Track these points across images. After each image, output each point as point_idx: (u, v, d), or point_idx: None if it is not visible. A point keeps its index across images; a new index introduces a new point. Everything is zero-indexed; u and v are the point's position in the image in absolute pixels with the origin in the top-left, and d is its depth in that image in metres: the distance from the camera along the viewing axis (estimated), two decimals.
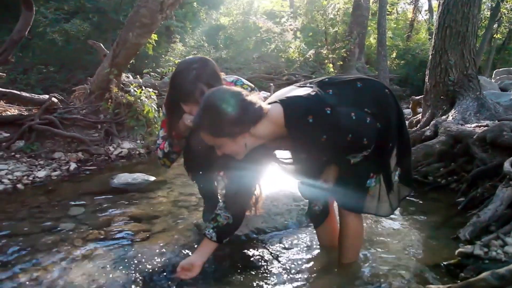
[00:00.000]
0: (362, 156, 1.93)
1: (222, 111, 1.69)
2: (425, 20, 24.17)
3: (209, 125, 1.71)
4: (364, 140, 1.83)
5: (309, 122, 1.71)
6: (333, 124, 1.75)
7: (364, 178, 2.05)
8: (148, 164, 5.16)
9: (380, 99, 1.98)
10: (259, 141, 1.80)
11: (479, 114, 4.55)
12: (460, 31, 4.87)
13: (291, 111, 1.75)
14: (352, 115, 1.80)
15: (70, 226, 3.03)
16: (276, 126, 1.76)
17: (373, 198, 2.11)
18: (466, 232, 2.41)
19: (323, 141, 1.75)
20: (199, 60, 2.18)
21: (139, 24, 5.21)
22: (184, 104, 2.15)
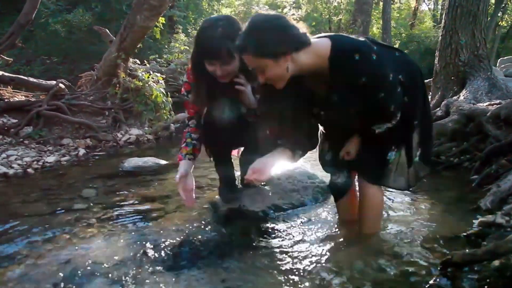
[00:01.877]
0: (386, 128, 1.92)
1: (266, 30, 1.67)
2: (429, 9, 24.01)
3: (253, 44, 1.67)
4: (392, 106, 1.83)
5: (355, 59, 1.69)
6: (375, 71, 1.74)
7: (386, 150, 2.06)
8: (158, 149, 5.16)
9: (412, 75, 1.99)
10: (298, 71, 1.76)
11: (491, 94, 4.51)
12: (471, 10, 4.81)
13: (339, 45, 1.74)
14: (390, 75, 1.79)
15: (83, 206, 3.02)
16: (319, 58, 1.73)
17: (390, 171, 2.11)
18: (487, 202, 2.40)
19: (360, 84, 1.72)
20: (224, 18, 2.13)
21: (147, 6, 5.16)
22: (209, 62, 2.08)
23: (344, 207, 2.46)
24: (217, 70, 2.07)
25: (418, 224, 2.52)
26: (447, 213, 2.75)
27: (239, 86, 2.22)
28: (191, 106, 2.45)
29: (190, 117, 2.50)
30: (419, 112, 2.06)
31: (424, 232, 2.41)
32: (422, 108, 2.09)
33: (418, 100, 2.04)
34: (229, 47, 1.99)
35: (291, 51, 1.68)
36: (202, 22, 2.17)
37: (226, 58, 2.02)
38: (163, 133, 5.66)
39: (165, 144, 5.57)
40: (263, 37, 1.66)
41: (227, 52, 2.00)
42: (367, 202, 2.20)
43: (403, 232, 2.38)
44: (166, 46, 12.36)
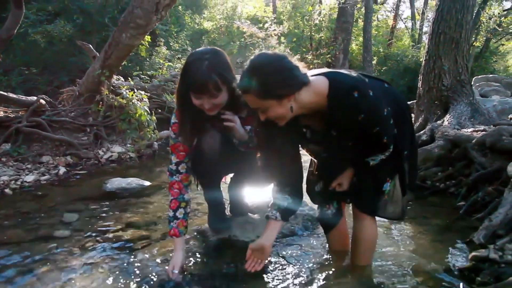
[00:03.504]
0: (380, 160, 1.95)
1: (270, 72, 1.67)
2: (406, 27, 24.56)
3: (257, 86, 1.66)
4: (385, 138, 1.85)
5: (354, 97, 1.71)
6: (372, 108, 1.77)
7: (382, 182, 2.08)
8: (140, 169, 5.04)
9: (400, 107, 2.04)
10: (300, 109, 1.77)
11: (473, 119, 4.59)
12: (454, 37, 4.93)
13: (337, 83, 1.75)
14: (385, 110, 1.82)
15: (65, 234, 2.92)
16: (318, 96, 1.75)
17: (386, 201, 2.13)
18: (480, 236, 2.41)
19: (359, 120, 1.74)
20: (211, 51, 2.09)
21: (133, 25, 5.08)
22: (196, 96, 2.03)
23: (334, 239, 2.44)
24: (204, 104, 2.03)
25: (408, 256, 2.51)
26: (437, 243, 2.75)
27: (228, 122, 2.19)
28: (181, 148, 2.33)
29: (180, 161, 2.35)
30: (408, 143, 2.10)
31: (416, 265, 2.40)
32: (410, 138, 2.14)
33: (406, 131, 2.08)
34: (216, 80, 1.96)
35: (294, 92, 1.69)
36: (188, 55, 2.11)
37: (213, 92, 1.98)
38: (146, 151, 5.55)
39: (148, 162, 5.46)
40: (267, 79, 1.66)
41: (214, 86, 1.96)
42: (361, 234, 2.19)
43: (395, 265, 2.37)
44: (147, 59, 12.26)
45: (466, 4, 4.86)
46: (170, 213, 2.33)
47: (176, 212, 2.32)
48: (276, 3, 21.61)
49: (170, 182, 2.36)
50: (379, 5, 24.71)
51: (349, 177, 2.12)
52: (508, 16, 19.58)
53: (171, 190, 2.35)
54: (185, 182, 2.37)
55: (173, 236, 2.31)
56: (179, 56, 15.76)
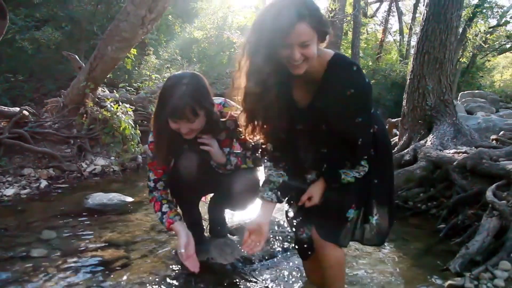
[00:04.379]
0: (353, 177, 1.91)
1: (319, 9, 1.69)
2: (394, 40, 24.87)
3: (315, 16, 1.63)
4: (360, 140, 1.82)
5: (352, 69, 1.74)
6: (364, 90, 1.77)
7: (346, 207, 1.97)
8: (123, 183, 4.99)
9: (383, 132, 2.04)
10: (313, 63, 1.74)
11: (456, 140, 4.64)
12: (438, 57, 5.00)
13: (341, 55, 1.82)
14: (372, 107, 1.86)
15: (42, 252, 2.87)
16: (319, 59, 1.75)
17: (348, 229, 2.03)
18: (456, 264, 2.41)
19: (346, 95, 1.73)
20: (189, 76, 2.10)
21: (119, 38, 5.07)
22: (173, 121, 2.04)
23: (310, 269, 2.33)
24: (181, 128, 2.04)
25: (385, 281, 2.51)
26: (415, 268, 2.75)
27: (204, 146, 2.19)
28: (158, 166, 2.36)
29: (157, 179, 2.39)
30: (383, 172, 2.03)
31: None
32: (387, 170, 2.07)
33: (383, 159, 2.02)
34: (193, 106, 1.97)
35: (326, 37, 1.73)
36: (167, 79, 2.12)
37: (190, 117, 1.99)
38: (130, 164, 5.51)
39: (132, 176, 5.41)
40: (319, 13, 1.67)
41: (191, 111, 1.98)
42: (327, 262, 2.05)
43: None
44: (136, 68, 12.23)
45: (450, 25, 4.93)
46: (157, 214, 2.38)
47: (161, 209, 2.37)
48: None
49: (151, 198, 2.43)
50: (368, 19, 25.02)
51: (320, 189, 1.98)
52: (494, 33, 19.96)
53: (152, 200, 2.42)
54: (165, 195, 2.42)
55: (171, 225, 2.33)
56: (168, 65, 15.75)
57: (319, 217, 2.01)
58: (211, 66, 17.31)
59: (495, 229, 2.74)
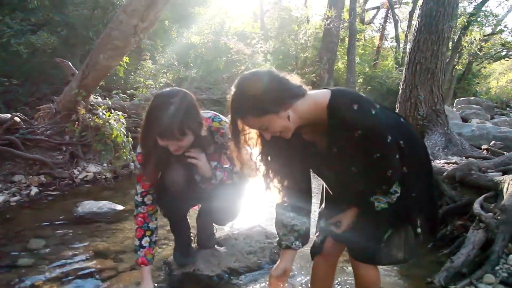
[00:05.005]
0: (386, 203, 1.84)
1: (261, 89, 1.63)
2: (391, 47, 24.97)
3: (252, 106, 1.63)
4: (390, 171, 1.75)
5: (353, 109, 1.63)
6: (372, 125, 1.67)
7: (383, 231, 1.90)
8: (115, 191, 4.97)
9: (413, 143, 1.91)
10: (299, 120, 1.72)
11: (447, 150, 4.66)
12: (429, 68, 5.03)
13: (339, 95, 1.70)
14: (388, 137, 1.72)
15: (29, 262, 2.86)
16: (318, 106, 1.69)
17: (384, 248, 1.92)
18: (441, 278, 2.41)
19: (356, 136, 1.65)
20: (177, 94, 2.06)
21: (110, 46, 5.07)
22: (161, 139, 2.03)
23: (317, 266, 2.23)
24: (170, 146, 2.04)
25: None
26: (403, 280, 2.76)
27: (192, 159, 2.19)
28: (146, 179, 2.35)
29: (146, 191, 2.37)
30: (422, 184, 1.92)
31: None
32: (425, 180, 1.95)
33: (419, 171, 1.91)
34: (181, 125, 1.96)
35: (289, 102, 1.67)
36: (154, 97, 2.09)
37: (178, 137, 1.99)
38: (122, 171, 5.50)
39: (124, 183, 5.39)
40: (260, 97, 1.63)
41: (179, 131, 1.97)
42: (363, 283, 2.03)
43: None
44: (132, 73, 12.23)
45: (442, 36, 4.97)
46: (136, 241, 2.36)
47: (141, 241, 2.35)
48: (264, 20, 21.80)
49: (135, 214, 2.39)
50: (365, 25, 25.12)
51: (350, 217, 1.96)
52: (489, 41, 20.08)
53: (136, 219, 2.38)
54: (149, 211, 2.39)
55: (142, 265, 2.32)
56: (165, 70, 15.75)
57: (351, 239, 1.96)
58: (208, 71, 17.33)
59: (481, 242, 2.74)
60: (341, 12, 15.23)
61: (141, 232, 2.36)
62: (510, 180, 3.19)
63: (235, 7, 23.62)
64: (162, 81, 14.55)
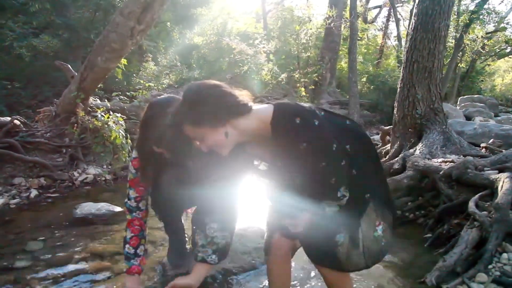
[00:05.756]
0: (338, 206, 1.81)
1: (200, 99, 1.67)
2: (393, 46, 24.89)
3: (189, 114, 1.66)
4: (333, 179, 1.74)
5: (296, 123, 1.66)
6: (316, 137, 1.70)
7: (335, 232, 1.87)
8: (114, 192, 5.00)
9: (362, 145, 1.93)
10: (240, 137, 1.75)
11: (445, 148, 4.65)
12: (426, 66, 5.01)
13: (281, 109, 1.73)
14: (334, 145, 1.73)
15: (25, 264, 2.88)
16: (262, 122, 1.72)
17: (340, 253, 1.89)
18: (433, 277, 2.41)
19: (301, 149, 1.68)
20: (172, 102, 2.05)
21: (108, 49, 5.10)
22: (157, 147, 2.03)
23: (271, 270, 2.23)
24: (165, 153, 2.04)
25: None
26: (398, 279, 2.75)
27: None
28: (141, 184, 2.32)
29: (140, 197, 2.34)
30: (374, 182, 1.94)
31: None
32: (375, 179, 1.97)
33: (369, 171, 1.92)
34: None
35: (228, 118, 1.68)
36: (149, 105, 2.09)
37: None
38: (121, 173, 5.53)
39: (123, 185, 5.41)
40: (198, 108, 1.66)
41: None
42: (325, 281, 2.05)
43: None
44: (134, 75, 12.28)
45: (438, 34, 4.95)
46: (130, 250, 2.28)
47: (137, 250, 2.29)
48: (266, 20, 21.81)
49: (130, 219, 2.33)
50: (368, 24, 25.04)
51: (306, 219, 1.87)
52: (492, 38, 19.97)
53: (132, 227, 2.31)
54: (145, 218, 2.38)
55: (135, 274, 2.26)
56: (167, 72, 15.81)
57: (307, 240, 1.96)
58: (210, 72, 17.37)
59: (474, 240, 2.74)
60: (343, 11, 15.19)
61: (137, 240, 2.30)
62: (505, 178, 3.19)
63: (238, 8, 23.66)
64: (165, 82, 14.63)
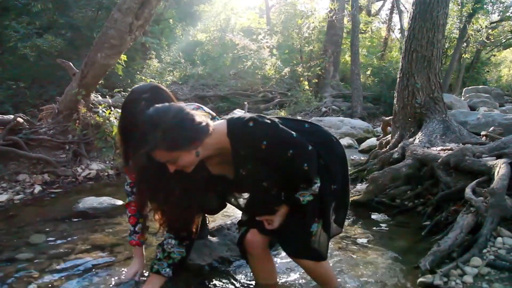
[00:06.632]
0: (311, 195, 1.91)
1: (174, 125, 1.68)
2: (397, 38, 24.76)
3: (166, 141, 1.68)
4: (305, 165, 1.82)
5: (250, 126, 1.76)
6: (273, 132, 1.79)
7: (310, 222, 2.00)
8: (117, 187, 5.05)
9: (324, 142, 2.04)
10: (206, 151, 1.79)
11: (445, 137, 4.64)
12: (425, 56, 5.01)
13: (233, 121, 1.83)
14: (293, 133, 1.83)
15: (28, 256, 2.92)
16: (220, 136, 1.79)
17: (314, 242, 2.03)
18: (427, 262, 2.42)
19: (264, 149, 1.76)
20: (150, 90, 2.15)
21: (107, 45, 5.16)
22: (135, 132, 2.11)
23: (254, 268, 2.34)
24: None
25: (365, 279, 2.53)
26: (397, 266, 2.75)
27: None
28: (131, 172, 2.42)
29: (133, 182, 2.47)
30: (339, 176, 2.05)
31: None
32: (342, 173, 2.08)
33: (335, 165, 2.03)
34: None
35: (201, 140, 1.73)
36: (129, 92, 2.22)
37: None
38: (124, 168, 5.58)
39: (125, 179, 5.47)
40: (173, 133, 1.68)
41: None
42: (308, 273, 2.15)
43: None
44: (138, 72, 12.36)
45: (437, 23, 4.94)
46: (130, 227, 2.52)
47: (135, 227, 2.50)
48: (269, 15, 21.80)
49: (128, 202, 2.53)
50: (371, 17, 24.93)
51: (282, 216, 2.01)
52: (496, 28, 19.79)
53: (129, 208, 2.52)
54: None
55: (135, 246, 2.51)
56: (171, 68, 15.88)
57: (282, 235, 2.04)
58: (214, 68, 17.44)
59: (470, 225, 2.75)
60: (345, 3, 15.15)
61: (134, 219, 2.49)
62: (501, 163, 3.19)
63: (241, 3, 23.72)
64: (169, 79, 14.71)
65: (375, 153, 5.41)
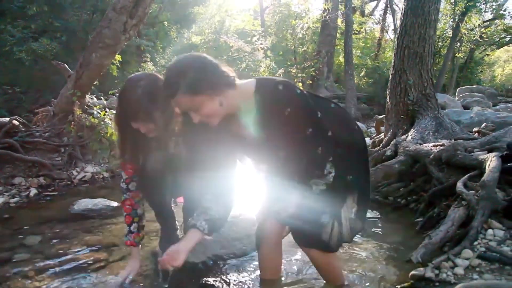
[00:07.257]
0: (325, 184, 1.86)
1: (196, 68, 1.69)
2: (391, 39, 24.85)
3: (189, 83, 1.67)
4: (320, 149, 1.80)
5: (279, 89, 1.73)
6: (299, 102, 1.77)
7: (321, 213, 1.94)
8: (112, 189, 5.06)
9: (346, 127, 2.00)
10: (229, 108, 1.79)
11: (437, 133, 4.68)
12: (417, 52, 5.05)
13: (263, 80, 1.81)
14: (318, 113, 1.81)
15: (24, 257, 2.93)
16: (246, 94, 1.78)
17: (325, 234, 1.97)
18: (418, 255, 2.44)
19: (286, 115, 1.72)
20: (146, 77, 2.11)
21: (102, 45, 5.17)
22: (132, 121, 2.09)
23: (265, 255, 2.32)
24: (140, 128, 2.09)
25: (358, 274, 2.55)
26: (389, 261, 2.78)
27: None
28: (128, 166, 2.42)
29: (129, 178, 2.46)
30: (358, 166, 2.00)
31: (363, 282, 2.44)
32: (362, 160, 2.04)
33: (352, 154, 1.97)
34: (147, 108, 1.99)
35: (224, 88, 1.73)
36: (125, 81, 2.16)
37: (145, 119, 2.03)
38: (118, 170, 5.59)
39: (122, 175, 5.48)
40: (196, 75, 1.68)
41: (145, 113, 2.00)
42: (315, 264, 2.12)
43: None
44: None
45: (428, 18, 4.97)
46: (125, 227, 2.52)
47: (130, 227, 2.49)
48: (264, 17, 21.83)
49: (123, 200, 2.51)
50: (365, 18, 25.01)
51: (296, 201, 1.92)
52: (489, 27, 19.89)
53: (124, 207, 2.50)
54: (136, 199, 2.50)
55: (131, 246, 2.50)
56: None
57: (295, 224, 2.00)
58: None
59: (461, 218, 2.78)
60: (339, 4, 15.21)
61: (130, 218, 2.49)
62: (492, 157, 3.22)
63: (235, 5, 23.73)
64: None
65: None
